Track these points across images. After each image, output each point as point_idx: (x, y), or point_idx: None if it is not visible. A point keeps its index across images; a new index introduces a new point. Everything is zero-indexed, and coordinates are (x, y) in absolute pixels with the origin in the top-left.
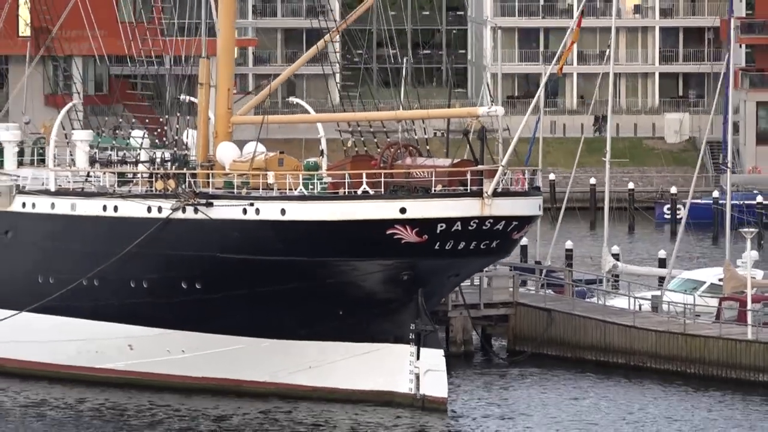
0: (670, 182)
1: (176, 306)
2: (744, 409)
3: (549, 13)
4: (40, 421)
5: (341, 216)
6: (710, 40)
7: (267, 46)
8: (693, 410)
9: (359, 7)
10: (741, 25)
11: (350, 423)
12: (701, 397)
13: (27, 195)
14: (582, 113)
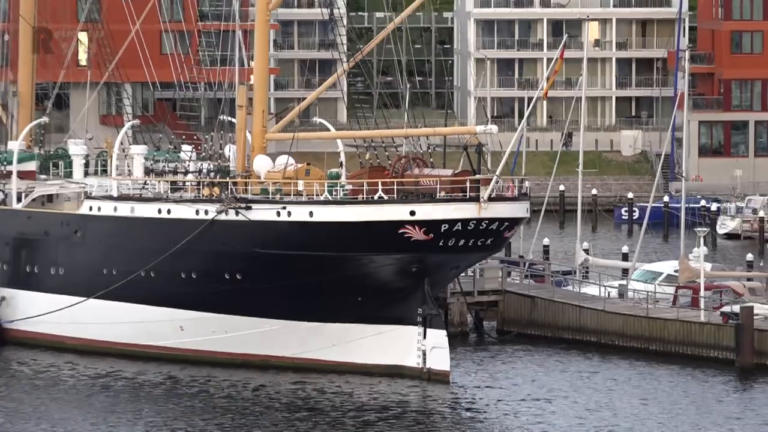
0: (626, 189)
1: (220, 293)
2: (697, 379)
3: (522, 46)
4: (105, 392)
5: (360, 217)
6: (658, 69)
7: (286, 74)
8: (654, 380)
9: (372, 41)
10: (684, 56)
11: (368, 392)
12: (661, 369)
13: (93, 200)
14: (550, 130)
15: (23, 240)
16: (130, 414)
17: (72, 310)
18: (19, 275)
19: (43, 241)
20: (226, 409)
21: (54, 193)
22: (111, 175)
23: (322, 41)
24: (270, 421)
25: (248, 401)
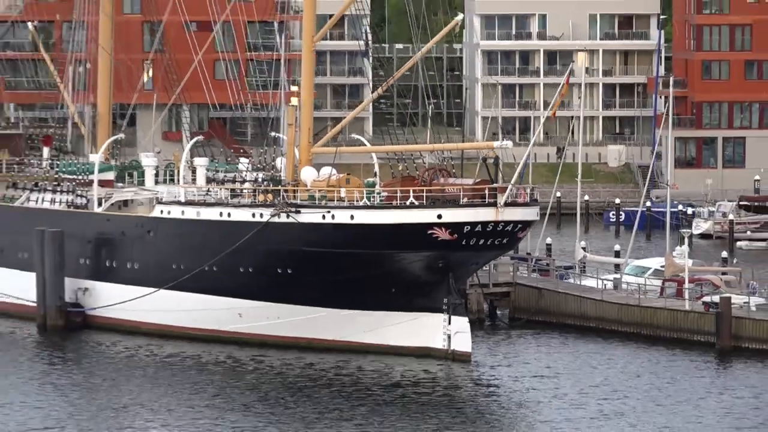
0: (613, 195)
1: (273, 285)
2: (682, 359)
3: (522, 73)
4: (173, 369)
5: (394, 220)
6: (639, 93)
7: (319, 97)
8: (645, 360)
9: (400, 70)
10: (662, 82)
11: (401, 370)
12: (651, 351)
13: (164, 204)
14: (546, 145)
15: (103, 239)
16: (195, 387)
17: (145, 299)
18: (100, 269)
19: (120, 240)
20: (278, 384)
21: (129, 198)
22: (179, 183)
23: (350, 69)
24: (316, 393)
25: (297, 377)
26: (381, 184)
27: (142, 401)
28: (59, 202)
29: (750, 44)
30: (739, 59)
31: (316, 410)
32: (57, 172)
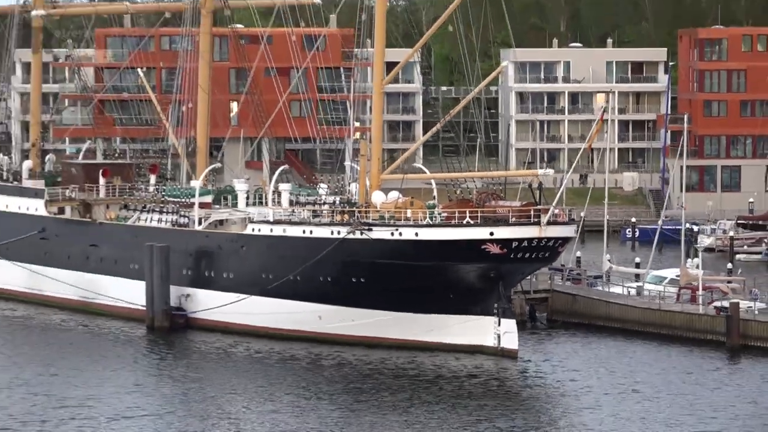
0: (628, 215)
1: (348, 292)
2: (697, 356)
3: (549, 111)
4: (262, 363)
5: (453, 237)
6: (649, 128)
7: None
8: (665, 356)
9: (455, 108)
10: (669, 119)
11: (458, 364)
12: (670, 348)
13: (255, 223)
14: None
15: (202, 252)
16: (281, 378)
17: (238, 304)
18: (199, 278)
19: (217, 253)
20: (352, 376)
21: (225, 218)
22: (267, 205)
23: (403, 107)
24: (386, 383)
25: (369, 370)
26: (440, 206)
27: (237, 389)
28: (165, 222)
29: (745, 86)
30: (735, 99)
31: (386, 397)
32: (162, 195)
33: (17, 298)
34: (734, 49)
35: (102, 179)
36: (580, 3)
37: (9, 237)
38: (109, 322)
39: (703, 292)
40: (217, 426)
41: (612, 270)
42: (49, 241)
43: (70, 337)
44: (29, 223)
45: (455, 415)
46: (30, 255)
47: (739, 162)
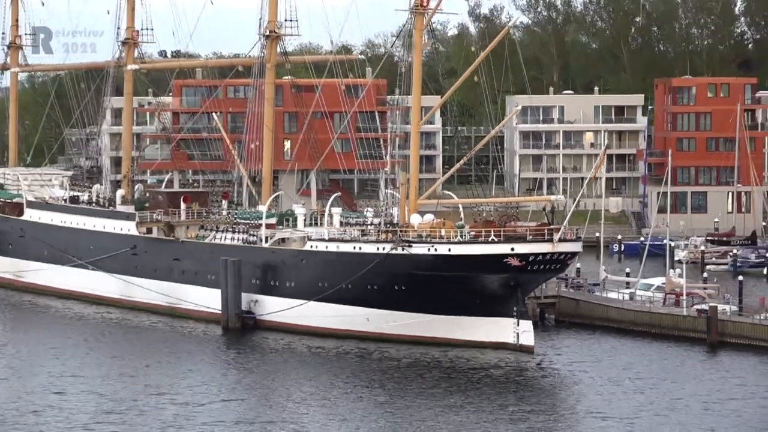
0: (615, 233)
1: (392, 298)
2: (682, 350)
3: (547, 147)
4: (319, 357)
5: (480, 252)
6: (630, 160)
7: None
8: (654, 351)
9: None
10: (646, 152)
11: (484, 357)
12: (658, 344)
13: (312, 241)
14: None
15: (268, 265)
16: (336, 369)
17: (299, 308)
18: (266, 287)
19: (281, 266)
20: (395, 367)
21: (287, 237)
22: (322, 225)
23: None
24: (425, 374)
25: (410, 364)
26: (467, 226)
27: (299, 379)
28: (237, 240)
29: (710, 126)
30: (702, 137)
31: (424, 385)
32: (234, 218)
33: (113, 303)
34: (701, 96)
35: (183, 205)
36: (569, 57)
37: (105, 253)
38: (190, 323)
39: (686, 297)
40: (284, 409)
41: (607, 279)
42: (139, 256)
43: (158, 336)
44: (122, 241)
45: (485, 400)
46: (123, 267)
47: (705, 189)
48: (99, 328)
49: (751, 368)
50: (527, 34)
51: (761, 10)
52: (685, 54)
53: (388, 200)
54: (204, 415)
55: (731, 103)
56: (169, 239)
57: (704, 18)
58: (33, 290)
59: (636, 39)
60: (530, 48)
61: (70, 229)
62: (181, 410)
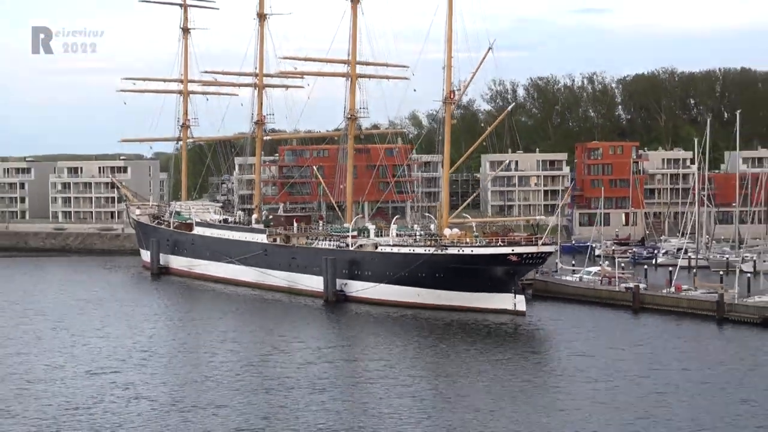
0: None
1: (434, 281)
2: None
3: (508, 185)
4: (389, 319)
5: (491, 252)
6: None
7: None
8: (596, 314)
9: (478, 189)
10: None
11: (492, 319)
12: (600, 309)
13: (381, 246)
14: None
15: (353, 261)
16: (398, 326)
17: (373, 288)
18: (352, 274)
19: (361, 261)
20: (435, 326)
21: (364, 243)
22: (388, 236)
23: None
24: (454, 329)
25: (446, 323)
26: (481, 235)
27: (376, 330)
28: (332, 245)
29: (611, 172)
30: (606, 179)
31: (454, 337)
32: (330, 231)
33: (251, 286)
34: (605, 153)
35: (295, 223)
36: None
37: (245, 254)
38: (302, 299)
39: (617, 279)
40: (367, 345)
41: (561, 268)
42: (268, 256)
43: (281, 306)
44: (257, 246)
45: (494, 346)
46: (257, 262)
47: (609, 211)
48: (243, 301)
49: (660, 323)
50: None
51: (633, 101)
52: (586, 128)
53: (414, 220)
54: (317, 353)
55: (624, 158)
56: (287, 245)
57: (598, 106)
58: (200, 278)
59: (556, 119)
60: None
61: (223, 239)
62: (303, 350)
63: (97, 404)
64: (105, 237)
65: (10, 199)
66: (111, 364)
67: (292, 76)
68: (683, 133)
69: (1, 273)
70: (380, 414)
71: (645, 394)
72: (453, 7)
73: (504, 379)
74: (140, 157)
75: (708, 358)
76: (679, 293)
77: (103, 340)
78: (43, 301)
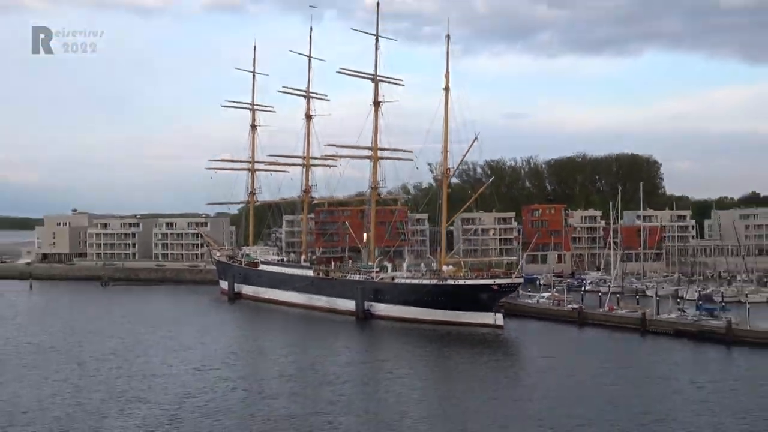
0: None
1: (436, 303)
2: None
3: (474, 235)
4: (402, 331)
5: (478, 283)
6: (512, 240)
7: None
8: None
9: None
10: (520, 238)
11: (478, 331)
12: (556, 324)
13: (397, 278)
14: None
15: (376, 289)
16: (410, 335)
17: (392, 308)
18: (376, 298)
19: (382, 289)
20: (436, 336)
21: (383, 276)
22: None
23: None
24: (449, 338)
25: (441, 334)
26: (469, 271)
27: (395, 337)
28: (360, 277)
29: (548, 225)
30: (545, 230)
31: (449, 345)
32: (358, 268)
33: (301, 307)
34: (544, 212)
35: (333, 263)
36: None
37: (297, 283)
38: (339, 317)
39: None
40: (390, 347)
41: (521, 293)
42: (314, 284)
43: (320, 323)
44: (305, 279)
45: (478, 353)
46: (305, 289)
47: (546, 253)
48: (293, 317)
49: (598, 334)
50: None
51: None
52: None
53: (411, 261)
54: (353, 357)
55: (557, 216)
56: (328, 277)
57: (531, 178)
58: (264, 301)
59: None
60: (462, 192)
61: (281, 273)
62: (330, 367)
63: (205, 393)
64: (193, 271)
65: (125, 245)
66: (211, 363)
67: (330, 158)
68: (592, 199)
69: (120, 298)
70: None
71: (595, 385)
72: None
73: (486, 375)
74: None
75: (635, 359)
76: (612, 312)
77: (203, 346)
78: (153, 318)
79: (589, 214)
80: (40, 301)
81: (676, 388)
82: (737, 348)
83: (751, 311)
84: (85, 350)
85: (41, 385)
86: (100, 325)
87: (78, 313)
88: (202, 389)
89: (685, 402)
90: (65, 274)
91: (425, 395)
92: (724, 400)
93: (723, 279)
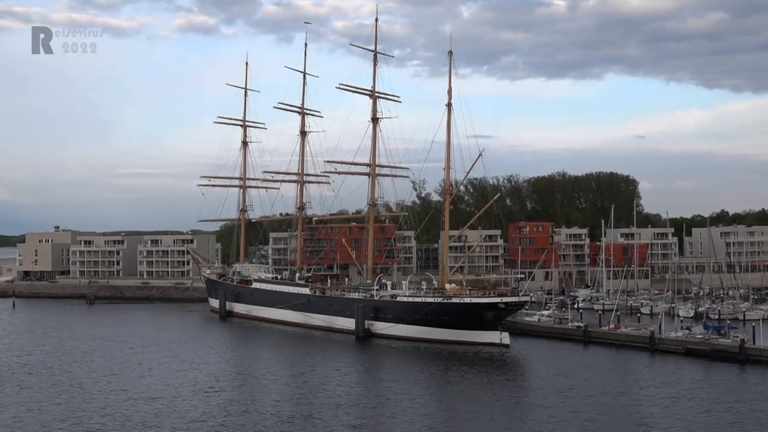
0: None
1: (440, 322)
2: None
3: (462, 252)
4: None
5: (485, 301)
6: (498, 257)
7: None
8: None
9: (472, 252)
10: (506, 254)
11: (484, 351)
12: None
13: (399, 296)
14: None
15: (376, 307)
16: (411, 354)
17: (392, 327)
18: (376, 317)
19: (383, 307)
20: (438, 355)
21: (383, 294)
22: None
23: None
24: (454, 357)
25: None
26: (477, 289)
27: (396, 356)
28: (360, 295)
29: (536, 243)
30: (531, 248)
31: (452, 365)
32: (356, 285)
33: (296, 325)
34: (531, 230)
35: (329, 280)
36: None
37: (293, 302)
38: (338, 336)
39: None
40: (388, 363)
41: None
42: (310, 303)
43: (320, 342)
44: (301, 297)
45: (484, 370)
46: (302, 308)
47: (534, 270)
48: (290, 336)
49: (603, 352)
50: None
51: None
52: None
53: (399, 278)
54: (351, 376)
55: (545, 233)
56: (324, 295)
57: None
58: (257, 319)
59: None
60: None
61: (274, 291)
62: (336, 372)
63: (213, 417)
64: (179, 289)
65: (109, 262)
66: (219, 385)
67: (324, 174)
68: (575, 216)
69: (108, 316)
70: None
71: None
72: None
73: (495, 391)
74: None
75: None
76: (618, 330)
77: (206, 366)
78: (148, 336)
79: (574, 232)
80: (26, 319)
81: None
82: (750, 367)
83: (755, 329)
84: (82, 371)
85: (42, 409)
86: (93, 346)
87: (67, 332)
88: (209, 414)
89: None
90: (48, 292)
91: (457, 423)
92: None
93: (714, 296)
